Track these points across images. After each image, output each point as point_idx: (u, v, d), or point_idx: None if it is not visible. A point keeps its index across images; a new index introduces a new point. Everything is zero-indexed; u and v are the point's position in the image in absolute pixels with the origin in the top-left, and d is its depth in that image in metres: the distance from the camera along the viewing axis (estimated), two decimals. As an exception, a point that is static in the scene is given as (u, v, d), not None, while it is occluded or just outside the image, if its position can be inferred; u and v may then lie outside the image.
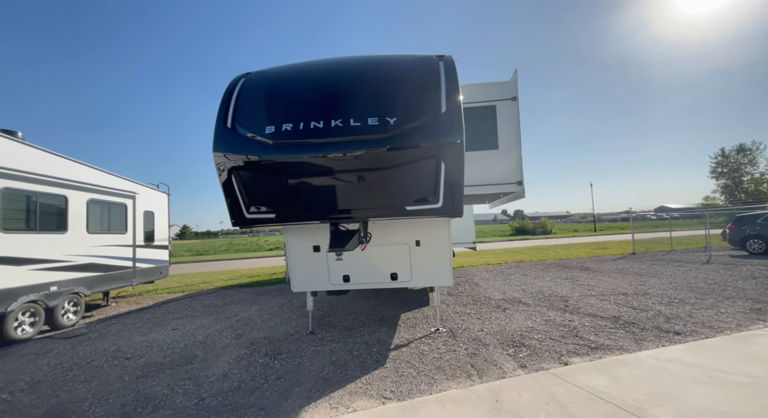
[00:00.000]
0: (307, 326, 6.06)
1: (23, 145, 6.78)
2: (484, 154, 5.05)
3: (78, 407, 3.63)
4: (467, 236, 9.25)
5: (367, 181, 3.55)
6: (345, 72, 3.89)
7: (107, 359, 5.01)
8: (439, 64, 3.92)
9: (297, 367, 4.41)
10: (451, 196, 3.73)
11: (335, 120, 3.35)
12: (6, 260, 6.14)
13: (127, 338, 6.11)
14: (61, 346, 5.88)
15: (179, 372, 4.40)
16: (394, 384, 3.82)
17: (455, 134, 3.50)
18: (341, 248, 3.86)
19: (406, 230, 5.29)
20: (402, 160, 3.47)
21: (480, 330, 5.52)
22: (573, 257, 15.90)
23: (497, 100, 5.11)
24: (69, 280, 7.35)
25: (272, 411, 3.36)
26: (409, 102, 3.56)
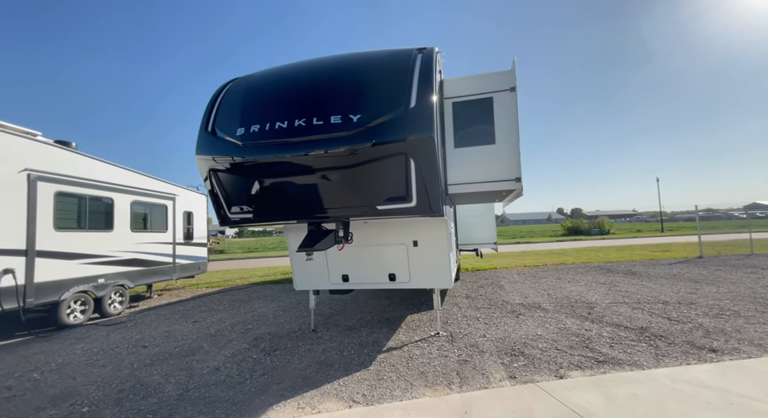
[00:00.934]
0: (315, 324, 6.17)
1: (75, 154, 7.68)
2: (480, 150, 4.76)
3: (85, 390, 4.02)
4: (485, 237, 8.81)
5: (335, 181, 3.52)
6: (314, 72, 3.89)
7: (128, 347, 5.51)
8: (416, 58, 3.77)
9: (285, 364, 4.50)
10: (426, 195, 3.57)
11: (299, 120, 3.36)
12: (59, 255, 6.99)
13: (153, 327, 6.66)
14: (100, 332, 6.57)
15: (180, 363, 4.71)
16: (369, 388, 3.74)
17: (424, 129, 3.34)
18: (308, 247, 3.87)
19: (403, 230, 5.17)
20: (368, 158, 3.38)
21: (482, 336, 5.23)
22: (624, 259, 14.49)
23: (495, 92, 4.78)
24: (114, 273, 8.20)
25: (242, 406, 3.46)
26: (375, 98, 3.47)
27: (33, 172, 6.66)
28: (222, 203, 3.98)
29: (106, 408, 3.55)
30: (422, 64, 3.68)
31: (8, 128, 6.68)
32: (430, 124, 3.36)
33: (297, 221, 4.09)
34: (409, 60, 3.73)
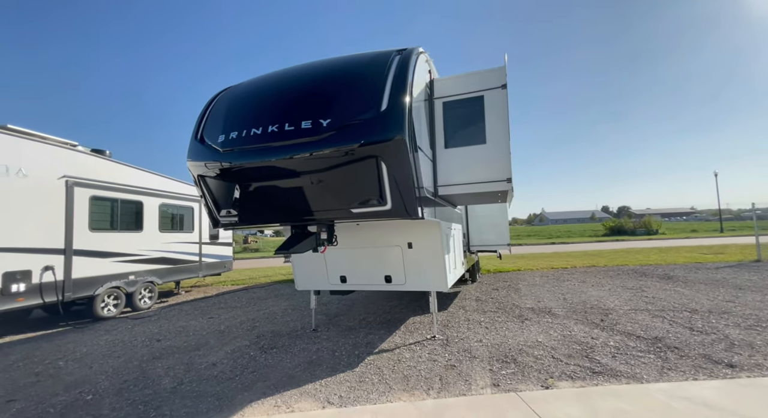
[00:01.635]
0: (317, 323, 6.31)
1: (109, 161, 8.37)
2: (471, 150, 4.61)
3: (96, 379, 4.39)
4: (494, 238, 8.50)
5: (310, 185, 3.58)
6: (293, 78, 3.97)
7: (144, 340, 5.93)
8: (393, 61, 3.74)
9: (277, 362, 4.64)
10: (400, 198, 3.54)
11: (272, 126, 3.46)
12: (93, 253, 7.66)
13: (172, 322, 7.11)
14: (126, 325, 7.12)
15: (184, 357, 5.00)
16: (348, 389, 3.77)
17: (394, 132, 3.31)
18: (285, 250, 3.96)
19: (398, 232, 5.15)
20: (339, 162, 3.41)
21: (479, 341, 5.09)
22: (664, 262, 13.43)
23: (486, 90, 4.61)
24: (144, 271, 8.84)
25: (225, 402, 3.62)
26: (347, 102, 3.49)
27: (70, 179, 7.34)
28: (212, 207, 4.19)
29: (108, 397, 3.85)
30: (398, 67, 3.65)
31: (50, 140, 7.40)
32: (400, 127, 3.33)
33: (280, 224, 4.21)
34: (386, 63, 3.72)
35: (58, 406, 3.70)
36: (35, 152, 6.82)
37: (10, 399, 3.94)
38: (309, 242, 4.04)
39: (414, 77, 3.82)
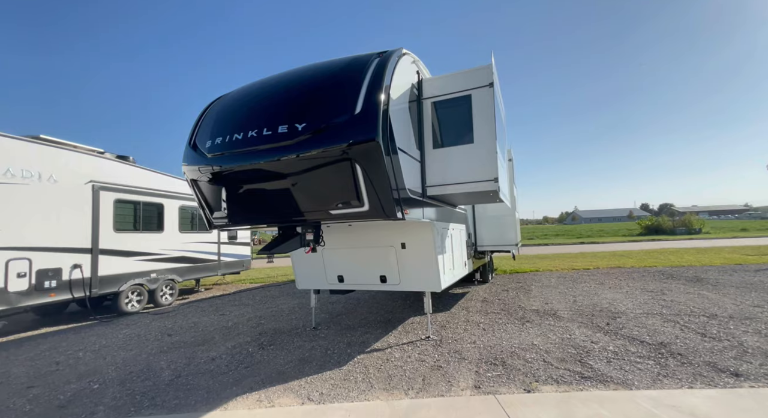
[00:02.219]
0: (318, 322, 6.46)
1: (132, 167, 8.92)
2: (459, 150, 4.55)
3: (106, 369, 4.73)
4: (504, 238, 8.28)
5: (289, 187, 3.68)
6: (276, 83, 4.08)
7: (157, 335, 6.29)
8: (372, 64, 3.78)
9: (271, 359, 4.80)
10: (377, 199, 3.58)
11: (252, 130, 3.59)
12: (117, 253, 8.19)
13: (186, 318, 7.50)
14: (145, 320, 7.57)
15: (188, 351, 5.27)
16: (331, 387, 3.86)
17: (367, 134, 3.35)
18: (267, 251, 4.09)
19: (391, 232, 5.19)
20: (314, 164, 3.50)
21: (472, 342, 5.04)
22: (699, 264, 12.59)
23: (473, 89, 4.53)
24: (165, 269, 9.35)
25: (214, 395, 3.80)
26: (322, 106, 3.56)
27: (96, 183, 7.89)
28: (205, 209, 4.40)
29: (112, 387, 4.15)
30: (375, 70, 3.69)
31: (78, 148, 8.00)
32: (374, 129, 3.37)
33: (266, 225, 4.36)
34: (364, 66, 3.76)
35: (68, 393, 4.03)
36: (64, 160, 7.39)
37: (30, 385, 4.32)
38: (293, 242, 4.16)
39: (393, 80, 3.84)
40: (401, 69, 4.16)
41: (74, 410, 3.62)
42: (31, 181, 6.86)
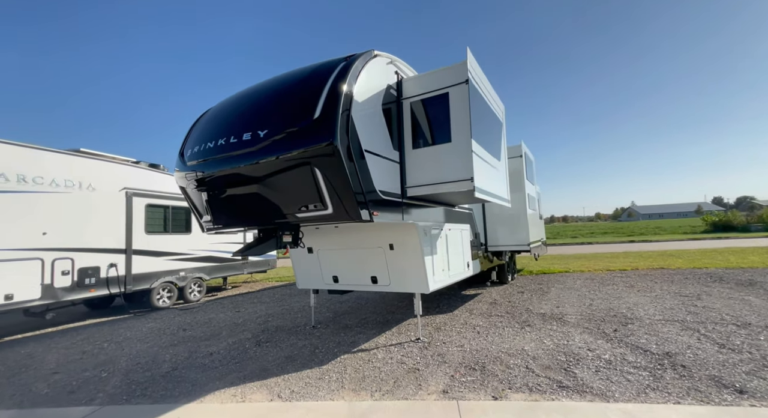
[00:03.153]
0: (319, 320, 6.63)
1: (162, 174, 9.68)
2: (438, 149, 4.44)
3: (119, 360, 5.21)
4: (513, 238, 7.90)
5: (257, 192, 3.83)
6: (248, 93, 4.25)
7: (174, 329, 6.80)
8: (336, 69, 3.83)
9: (262, 356, 5.02)
10: (340, 202, 3.63)
11: (222, 139, 3.79)
12: (149, 253, 8.95)
13: (206, 314, 8.02)
14: (171, 315, 8.20)
15: (193, 346, 5.66)
16: (304, 385, 3.97)
17: (324, 139, 3.41)
18: (241, 253, 4.28)
19: (379, 234, 5.21)
20: (277, 169, 3.61)
21: (460, 346, 4.92)
22: (764, 265, 11.20)
23: (450, 86, 4.40)
24: (193, 268, 10.06)
25: (198, 388, 4.06)
26: (284, 113, 3.67)
27: (130, 190, 8.68)
28: (195, 214, 4.70)
29: (116, 376, 4.58)
30: (336, 75, 3.73)
31: (114, 159, 8.84)
32: (331, 134, 3.42)
33: (246, 227, 4.56)
34: (328, 71, 3.82)
35: (81, 380, 4.50)
36: (101, 169, 8.21)
37: (55, 372, 4.88)
38: (268, 244, 4.31)
39: (358, 83, 3.86)
40: (371, 71, 4.17)
41: (79, 396, 4.05)
42: (73, 190, 7.68)
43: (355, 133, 3.72)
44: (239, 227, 4.55)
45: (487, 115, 5.11)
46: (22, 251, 6.91)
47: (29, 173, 7.13)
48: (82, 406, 3.75)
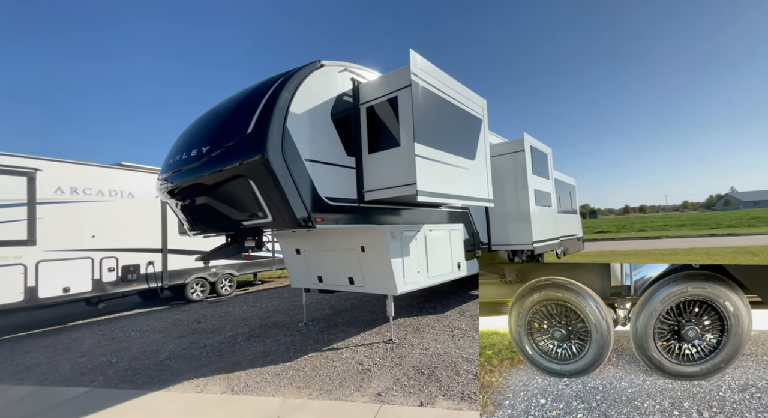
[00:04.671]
0: (314, 318, 6.98)
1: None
2: (388, 153, 4.41)
3: (133, 347, 6.00)
4: (515, 237, 7.43)
5: (209, 203, 4.20)
6: (210, 110, 4.60)
7: (190, 321, 7.60)
8: (273, 84, 4.03)
9: (244, 349, 5.46)
10: (278, 211, 3.85)
11: (178, 155, 4.20)
12: (182, 252, 10.01)
13: (226, 308, 8.80)
14: (197, 308, 9.13)
15: (196, 337, 6.30)
16: (259, 380, 4.27)
17: (256, 152, 3.64)
18: (203, 258, 4.66)
19: (350, 236, 5.36)
20: (219, 182, 3.93)
21: (425, 348, 4.91)
22: None
23: (398, 90, 4.32)
24: (223, 265, 11.02)
25: (175, 377, 4.57)
26: (225, 129, 3.96)
27: (164, 196, 9.78)
28: (179, 220, 5.25)
29: (122, 362, 5.30)
30: (273, 90, 3.93)
31: (150, 169, 10.00)
32: (261, 147, 3.64)
33: (215, 233, 4.96)
34: (266, 87, 4.04)
35: (96, 364, 5.30)
36: (139, 180, 9.35)
37: (82, 355, 5.79)
38: (231, 249, 4.69)
39: (296, 96, 4.03)
40: (315, 83, 4.30)
41: (87, 377, 4.79)
42: (116, 198, 8.87)
43: (293, 144, 3.90)
44: (212, 232, 4.99)
45: (449, 115, 4.98)
46: (75, 251, 8.17)
47: (80, 186, 8.37)
48: (79, 387, 4.44)
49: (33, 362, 5.58)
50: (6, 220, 7.29)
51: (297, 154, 3.94)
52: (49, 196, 7.84)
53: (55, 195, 7.94)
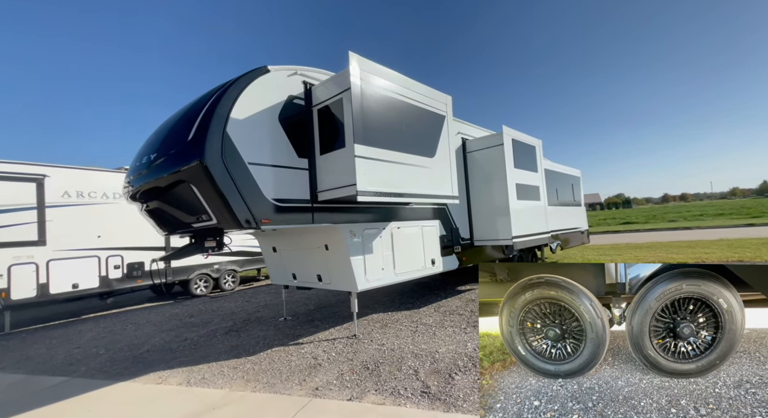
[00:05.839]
0: (296, 313, 7.21)
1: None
2: (336, 155, 4.46)
3: (123, 340, 6.45)
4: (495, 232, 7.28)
5: (161, 206, 4.45)
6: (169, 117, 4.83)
7: (184, 316, 8.03)
8: (216, 92, 4.19)
9: (217, 343, 5.75)
10: (220, 213, 4.04)
11: (136, 161, 4.47)
12: (185, 250, 10.57)
13: (221, 303, 9.22)
14: (198, 303, 9.62)
15: (182, 331, 6.68)
16: (215, 374, 4.50)
17: (194, 158, 3.82)
18: (164, 259, 4.92)
19: (314, 235, 5.51)
20: (166, 186, 4.16)
21: (381, 345, 5.00)
22: None
23: (342, 92, 4.35)
24: (226, 261, 11.50)
25: (144, 368, 4.90)
26: (169, 137, 4.17)
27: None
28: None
29: (107, 354, 5.72)
30: (214, 98, 4.09)
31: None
32: (199, 153, 3.81)
33: (179, 235, 5.22)
34: (210, 96, 4.20)
35: (85, 355, 5.75)
36: (141, 181, 9.91)
37: (78, 347, 6.29)
38: (191, 249, 4.93)
39: (238, 102, 4.17)
40: (260, 88, 4.42)
41: (73, 368, 5.22)
42: (119, 200, 9.44)
43: (234, 149, 4.06)
44: (177, 233, 5.26)
45: (402, 114, 4.99)
46: (83, 250, 8.80)
47: (85, 189, 8.98)
48: (60, 377, 4.85)
49: (35, 353, 6.13)
50: (18, 222, 7.95)
51: (239, 158, 4.09)
52: (57, 200, 8.47)
53: (63, 199, 8.56)
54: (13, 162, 7.99)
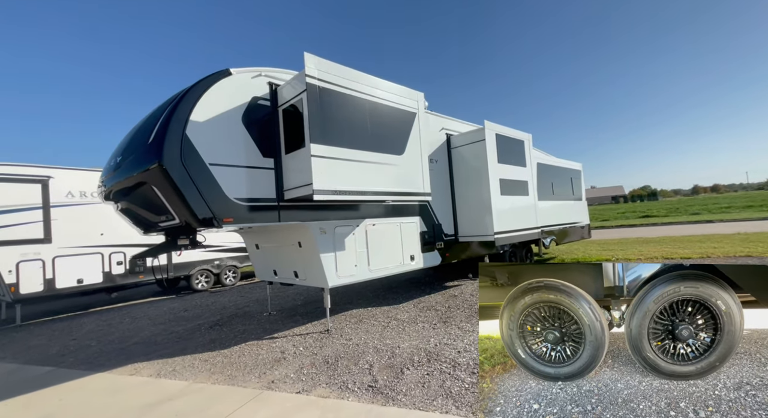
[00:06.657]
0: (283, 308, 7.39)
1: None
2: (297, 154, 4.54)
3: (115, 333, 6.78)
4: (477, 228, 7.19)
5: (130, 206, 4.65)
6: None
7: (179, 310, 8.34)
8: (177, 97, 4.32)
9: (199, 337, 5.97)
10: (181, 213, 4.19)
11: (109, 162, 4.68)
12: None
13: (217, 297, 9.52)
14: (197, 297, 9.96)
15: (172, 325, 6.96)
16: (186, 367, 4.70)
17: (153, 160, 3.98)
18: (139, 256, 5.13)
19: (288, 233, 5.63)
20: (131, 187, 4.34)
21: (348, 340, 5.09)
22: None
23: (302, 93, 4.41)
24: (227, 257, 11.84)
25: (125, 360, 5.16)
26: (133, 140, 4.34)
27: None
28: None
29: (97, 347, 6.03)
30: (175, 102, 4.22)
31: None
32: (158, 155, 3.96)
33: (155, 233, 5.43)
34: (172, 100, 4.34)
35: (78, 347, 6.08)
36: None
37: (74, 338, 6.66)
38: (164, 247, 5.13)
39: (199, 105, 4.29)
40: (221, 90, 4.52)
41: (63, 358, 5.54)
42: (122, 199, 9.87)
43: (194, 150, 4.19)
44: (151, 232, 5.48)
45: (365, 112, 5.01)
46: (87, 247, 9.24)
47: (88, 189, 9.39)
48: (48, 367, 5.17)
49: (37, 343, 6.53)
50: (25, 221, 8.42)
51: (199, 159, 4.22)
52: (61, 200, 8.91)
53: (67, 199, 9.00)
54: (19, 165, 8.45)
